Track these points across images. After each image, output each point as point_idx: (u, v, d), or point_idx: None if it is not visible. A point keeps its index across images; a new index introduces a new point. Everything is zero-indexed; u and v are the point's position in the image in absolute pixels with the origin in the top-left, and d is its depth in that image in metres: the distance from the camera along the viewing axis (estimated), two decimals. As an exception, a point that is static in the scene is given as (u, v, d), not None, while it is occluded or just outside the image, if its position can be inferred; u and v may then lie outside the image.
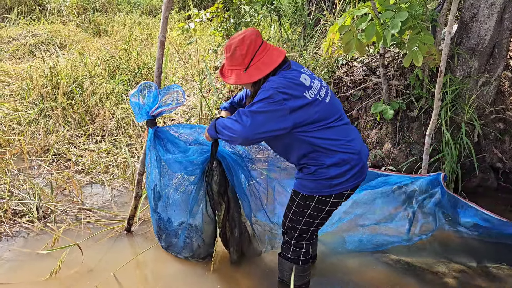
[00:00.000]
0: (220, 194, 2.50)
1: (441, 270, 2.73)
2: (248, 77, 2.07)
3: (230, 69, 2.13)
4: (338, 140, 2.05)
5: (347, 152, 2.06)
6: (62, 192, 3.36)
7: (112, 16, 8.63)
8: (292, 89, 1.97)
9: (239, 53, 2.05)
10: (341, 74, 4.23)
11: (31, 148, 3.85)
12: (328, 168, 2.06)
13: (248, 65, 2.06)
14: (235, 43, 2.05)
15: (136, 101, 2.39)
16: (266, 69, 2.05)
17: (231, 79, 2.12)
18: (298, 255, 2.32)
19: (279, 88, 1.96)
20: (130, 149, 3.95)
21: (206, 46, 6.74)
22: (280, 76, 2.04)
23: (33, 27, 7.26)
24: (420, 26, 2.97)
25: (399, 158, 3.66)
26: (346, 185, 2.09)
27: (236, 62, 2.08)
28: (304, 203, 2.17)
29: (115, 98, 4.67)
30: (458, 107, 3.49)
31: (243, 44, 2.04)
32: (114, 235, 2.90)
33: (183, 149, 2.46)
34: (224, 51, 2.13)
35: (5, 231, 2.83)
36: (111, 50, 6.22)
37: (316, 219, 2.21)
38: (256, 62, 2.06)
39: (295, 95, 1.97)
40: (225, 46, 2.11)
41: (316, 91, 2.05)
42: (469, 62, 3.44)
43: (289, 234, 2.32)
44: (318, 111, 2.01)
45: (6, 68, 5.41)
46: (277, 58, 2.07)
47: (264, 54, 2.07)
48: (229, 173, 2.49)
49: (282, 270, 2.43)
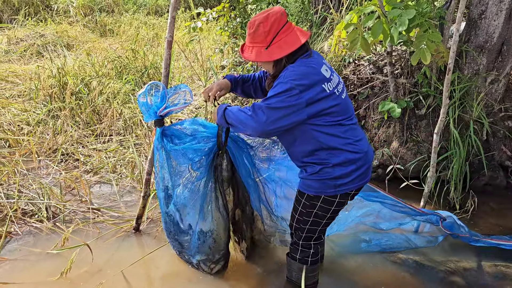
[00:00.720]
0: (229, 178, 2.50)
1: (450, 269, 2.72)
2: (268, 55, 2.01)
3: (252, 45, 2.06)
4: (346, 139, 2.04)
5: (353, 152, 2.05)
6: (71, 191, 3.39)
7: (118, 16, 8.66)
8: (310, 79, 1.94)
9: (262, 29, 1.99)
10: (348, 72, 4.21)
11: (40, 148, 3.88)
12: (333, 168, 2.04)
13: (270, 43, 2.00)
14: (259, 19, 2.00)
15: (144, 101, 2.40)
16: (288, 49, 1.99)
17: (252, 56, 2.05)
18: (306, 255, 2.32)
19: (296, 79, 1.92)
20: (138, 149, 3.97)
21: (212, 45, 6.75)
22: (300, 63, 1.99)
23: (40, 28, 7.31)
24: (427, 24, 2.95)
25: (407, 156, 3.64)
26: (351, 185, 2.08)
27: (258, 38, 2.01)
28: (310, 203, 2.17)
29: (122, 98, 4.69)
30: (467, 105, 3.47)
31: (267, 21, 1.98)
32: (123, 234, 2.92)
33: (188, 140, 2.45)
34: (247, 27, 2.07)
35: (15, 231, 2.86)
36: (118, 50, 6.25)
37: (323, 218, 2.20)
38: (279, 40, 2.00)
39: (313, 85, 1.93)
40: (249, 22, 2.05)
41: (335, 85, 2.03)
42: (477, 60, 3.41)
43: (297, 235, 2.32)
44: (333, 105, 1.99)
45: (15, 69, 5.45)
46: (300, 39, 2.01)
47: (287, 34, 2.01)
48: (235, 160, 2.49)
49: (290, 270, 2.43)
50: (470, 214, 3.33)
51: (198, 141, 2.42)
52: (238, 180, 2.54)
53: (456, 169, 3.38)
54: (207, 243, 2.56)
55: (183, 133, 2.46)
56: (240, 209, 2.62)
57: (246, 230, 2.65)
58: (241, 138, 2.53)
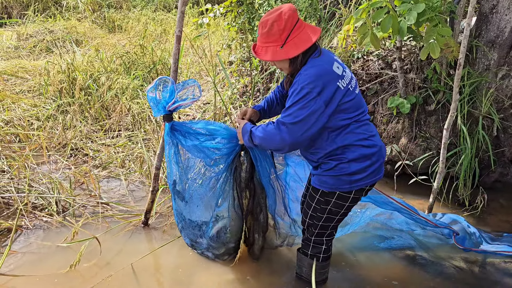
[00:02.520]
0: (247, 180, 2.50)
1: (459, 265, 2.71)
2: (285, 53, 1.97)
3: (265, 46, 2.02)
4: (361, 134, 2.04)
5: (368, 147, 2.05)
6: (80, 186, 3.42)
7: (126, 12, 8.68)
8: (324, 79, 1.92)
9: (276, 28, 1.96)
10: (356, 68, 4.19)
11: (50, 143, 3.91)
12: (349, 163, 2.03)
13: (285, 41, 1.97)
14: (272, 18, 1.97)
15: (153, 96, 2.41)
16: (303, 46, 1.97)
17: (267, 56, 2.01)
18: (318, 251, 2.32)
19: (311, 82, 1.91)
20: (146, 144, 3.98)
21: (220, 41, 6.74)
22: (311, 64, 1.98)
23: (49, 24, 7.35)
24: (437, 18, 2.92)
25: (416, 152, 3.62)
26: (366, 181, 2.08)
27: (273, 38, 1.98)
28: (325, 199, 2.16)
29: (130, 93, 4.71)
30: (477, 100, 3.43)
31: (281, 19, 1.95)
32: (132, 228, 2.94)
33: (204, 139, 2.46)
34: (258, 27, 2.03)
35: (25, 224, 2.89)
36: (126, 46, 6.27)
37: (337, 215, 2.20)
38: (293, 38, 1.97)
39: (328, 85, 1.92)
40: (260, 22, 2.02)
41: (348, 81, 2.02)
42: (488, 55, 3.37)
43: (310, 231, 2.32)
44: (348, 101, 1.99)
45: (24, 64, 5.49)
46: (313, 35, 1.99)
47: (300, 31, 1.99)
48: (256, 161, 2.48)
49: (301, 266, 2.44)
50: (479, 211, 3.30)
51: (218, 141, 2.44)
52: (256, 184, 2.53)
53: (464, 165, 3.36)
54: (221, 238, 2.59)
55: (199, 132, 2.47)
56: (254, 217, 2.61)
57: (258, 238, 2.64)
58: None
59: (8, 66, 5.32)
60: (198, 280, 2.49)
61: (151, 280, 2.49)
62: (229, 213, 2.56)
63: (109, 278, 2.45)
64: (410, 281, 2.57)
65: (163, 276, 2.56)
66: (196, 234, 2.67)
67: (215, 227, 2.59)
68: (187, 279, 2.50)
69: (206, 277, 2.52)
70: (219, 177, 2.51)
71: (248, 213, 2.58)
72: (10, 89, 4.76)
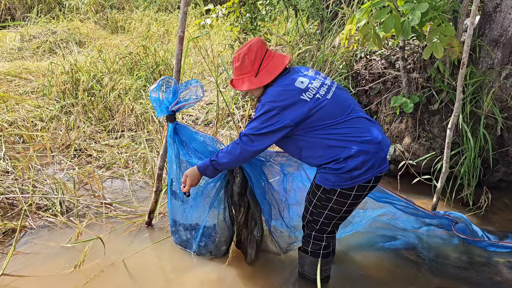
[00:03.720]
0: (240, 195, 2.51)
1: (463, 266, 2.70)
2: (259, 81, 2.17)
3: (241, 78, 2.22)
4: (349, 133, 2.09)
5: (362, 142, 2.08)
6: (84, 186, 3.43)
7: (129, 13, 8.71)
8: (286, 95, 2.07)
9: (247, 60, 2.16)
10: (359, 67, 4.18)
11: (53, 143, 3.93)
12: (346, 161, 2.07)
13: (258, 70, 2.17)
14: (243, 52, 2.18)
15: (156, 96, 2.42)
16: (276, 71, 2.16)
17: (244, 86, 2.20)
18: (318, 248, 2.33)
19: (273, 101, 2.07)
20: (150, 145, 3.99)
21: (222, 41, 6.75)
22: (276, 85, 2.15)
23: (52, 25, 7.39)
24: (441, 17, 2.92)
25: (419, 152, 3.61)
26: (366, 175, 2.09)
27: (246, 69, 2.18)
28: (326, 196, 2.18)
29: (134, 94, 4.73)
30: (480, 100, 3.42)
31: (251, 51, 2.16)
32: (135, 229, 2.94)
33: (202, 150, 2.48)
34: (232, 62, 2.25)
35: (29, 225, 2.90)
36: (129, 46, 6.29)
37: (338, 212, 2.21)
38: (265, 66, 2.17)
39: (290, 101, 2.06)
40: (233, 58, 2.22)
41: (315, 91, 2.11)
42: (491, 54, 3.36)
43: (310, 227, 2.32)
44: (320, 109, 2.08)
45: (28, 65, 5.51)
46: (283, 61, 2.19)
47: (271, 59, 2.19)
48: (250, 175, 2.49)
49: (302, 264, 2.44)
50: (483, 211, 3.29)
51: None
52: (250, 198, 2.53)
53: (467, 164, 3.34)
54: (208, 246, 2.64)
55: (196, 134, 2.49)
56: (248, 231, 2.61)
57: (251, 252, 2.62)
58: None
59: (11, 67, 5.35)
60: (195, 278, 2.50)
61: (156, 279, 2.50)
62: (218, 222, 2.60)
63: (112, 278, 2.46)
64: (414, 280, 2.57)
65: (158, 273, 2.57)
66: (187, 235, 2.68)
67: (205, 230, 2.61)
68: (188, 276, 2.50)
69: (203, 276, 2.52)
70: (216, 185, 2.53)
71: (240, 226, 2.59)
72: (14, 90, 4.78)
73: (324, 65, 4.13)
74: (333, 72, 4.10)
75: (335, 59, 4.19)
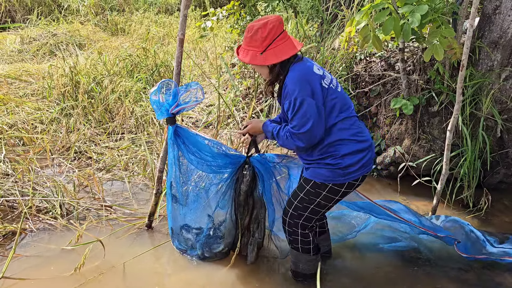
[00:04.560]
0: (246, 194, 2.51)
1: (463, 266, 2.69)
2: (263, 59, 2.12)
3: (247, 49, 2.16)
4: (353, 129, 2.16)
5: (361, 141, 2.15)
6: (84, 189, 3.43)
7: (129, 15, 8.71)
8: (308, 78, 2.07)
9: (260, 34, 2.09)
10: (359, 69, 4.19)
11: (53, 146, 3.92)
12: (343, 158, 2.13)
13: (266, 48, 2.10)
14: (258, 25, 2.10)
15: (156, 99, 2.42)
16: (282, 56, 2.10)
17: (247, 58, 2.15)
18: (307, 243, 2.36)
19: (299, 88, 2.05)
20: (150, 147, 3.99)
21: (222, 43, 6.76)
22: (292, 70, 2.11)
23: (52, 27, 7.39)
24: (440, 19, 2.92)
25: (419, 154, 3.61)
26: (358, 173, 2.16)
27: (255, 43, 2.11)
28: (315, 191, 2.21)
29: (133, 96, 4.73)
30: (480, 101, 3.42)
31: (265, 27, 2.08)
32: (135, 231, 2.94)
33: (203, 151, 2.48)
34: (245, 30, 2.17)
35: (29, 228, 2.90)
36: (129, 48, 6.29)
37: (323, 208, 2.27)
38: (274, 47, 2.10)
39: (313, 83, 2.06)
40: (248, 26, 2.15)
41: (329, 80, 2.15)
42: (491, 56, 3.37)
43: (292, 223, 2.32)
44: (334, 98, 2.12)
45: (28, 68, 5.51)
46: (294, 48, 2.13)
47: (282, 42, 2.12)
48: (262, 173, 2.50)
49: (296, 262, 2.46)
50: (483, 212, 3.29)
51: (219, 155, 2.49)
52: (255, 199, 2.54)
53: (467, 166, 3.34)
54: (214, 245, 2.63)
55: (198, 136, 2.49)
56: (250, 232, 2.62)
57: (252, 254, 2.62)
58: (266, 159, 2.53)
59: (11, 69, 5.35)
60: (196, 281, 2.50)
61: (155, 282, 2.50)
62: (226, 220, 2.60)
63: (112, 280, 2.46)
64: (414, 281, 2.57)
65: (158, 277, 2.57)
66: (188, 238, 2.67)
67: (209, 232, 2.60)
68: (183, 280, 2.50)
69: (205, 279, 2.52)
70: (223, 184, 2.53)
71: (243, 228, 2.59)
72: (14, 93, 4.78)
73: (323, 67, 4.13)
74: (333, 74, 4.10)
75: (335, 61, 4.19)
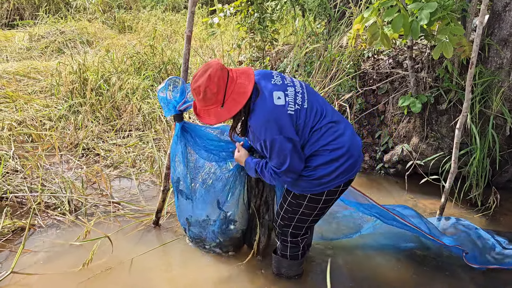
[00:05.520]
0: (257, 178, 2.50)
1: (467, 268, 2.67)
2: (227, 112, 2.01)
3: (206, 109, 2.05)
4: (323, 140, 2.05)
5: (334, 150, 2.05)
6: (92, 185, 3.45)
7: (136, 12, 8.73)
8: (274, 116, 1.96)
9: (210, 93, 1.97)
10: (367, 67, 4.17)
11: (62, 143, 3.95)
12: (315, 169, 2.07)
13: (223, 101, 2.00)
14: (203, 84, 1.97)
15: (164, 96, 2.42)
16: (243, 99, 1.99)
17: (212, 119, 2.05)
18: (297, 251, 2.37)
19: (267, 129, 1.96)
20: (157, 144, 4.00)
21: (229, 40, 6.75)
22: (257, 110, 1.99)
23: (60, 25, 7.42)
24: (449, 17, 2.90)
25: (427, 152, 3.59)
26: (337, 181, 2.10)
27: (210, 101, 2.00)
28: (296, 201, 2.20)
29: (141, 93, 4.74)
30: (489, 99, 3.39)
31: (212, 83, 1.96)
32: (143, 228, 2.96)
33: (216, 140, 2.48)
34: (192, 93, 2.05)
35: (38, 223, 2.92)
36: (136, 46, 6.31)
37: (310, 216, 2.23)
38: (230, 94, 1.99)
39: (281, 119, 1.96)
40: (193, 89, 2.02)
41: (293, 101, 2.01)
42: (501, 53, 3.34)
43: (283, 232, 2.34)
44: (302, 120, 2.01)
45: (36, 65, 5.55)
46: (248, 83, 2.01)
47: (234, 84, 2.00)
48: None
49: (279, 267, 2.47)
50: (492, 211, 3.27)
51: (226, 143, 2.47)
52: (265, 183, 2.53)
53: (476, 165, 3.32)
54: (228, 231, 2.62)
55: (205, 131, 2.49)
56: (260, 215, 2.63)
57: (264, 237, 2.65)
58: None
59: (20, 67, 5.38)
60: (205, 278, 2.51)
61: (162, 278, 2.51)
62: (238, 205, 2.59)
63: (120, 276, 2.47)
64: (420, 282, 2.56)
65: (166, 273, 2.59)
66: (201, 230, 2.68)
67: (222, 221, 2.60)
68: (194, 276, 2.51)
69: (214, 275, 2.53)
70: (231, 174, 2.52)
71: (254, 212, 2.61)
72: (22, 90, 4.81)
73: (331, 65, 4.12)
74: (340, 71, 4.09)
75: (343, 59, 4.17)
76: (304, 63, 4.38)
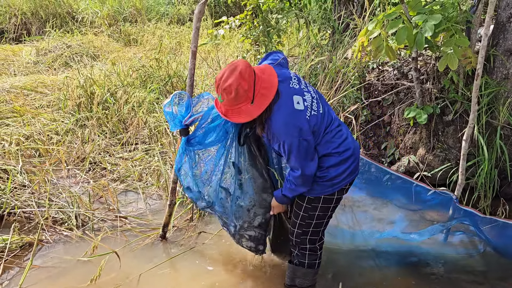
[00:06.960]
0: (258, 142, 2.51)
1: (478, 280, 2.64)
2: (257, 108, 2.02)
3: (237, 108, 2.04)
4: (334, 142, 2.18)
5: (343, 152, 2.18)
6: (99, 200, 3.46)
7: (141, 26, 8.82)
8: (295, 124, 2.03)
9: (242, 90, 1.98)
10: (372, 78, 4.17)
11: (69, 157, 3.97)
12: (327, 170, 2.18)
13: (253, 96, 2.01)
14: (234, 82, 1.96)
15: (170, 110, 2.44)
16: (271, 93, 2.02)
17: (242, 117, 2.06)
18: (315, 258, 2.42)
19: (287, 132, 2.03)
20: (163, 157, 4.02)
21: (233, 52, 6.79)
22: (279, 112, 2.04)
23: (67, 39, 7.51)
24: (454, 28, 2.90)
25: (434, 163, 3.57)
26: (345, 181, 2.24)
27: (241, 99, 2.00)
28: (312, 205, 2.28)
29: (147, 106, 4.77)
30: (496, 110, 3.38)
31: (243, 80, 1.97)
32: (150, 242, 2.96)
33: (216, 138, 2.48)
34: (222, 94, 2.02)
35: (46, 239, 2.93)
36: (142, 59, 6.36)
37: (324, 218, 2.34)
38: (259, 90, 2.01)
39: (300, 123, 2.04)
40: (223, 88, 2.00)
41: (310, 107, 2.10)
42: (506, 64, 3.33)
43: (301, 240, 2.38)
44: (317, 124, 2.11)
45: (43, 79, 5.60)
46: (270, 77, 2.06)
47: (261, 80, 2.03)
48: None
49: (293, 277, 2.47)
50: (501, 223, 3.23)
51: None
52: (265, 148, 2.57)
53: (483, 176, 3.30)
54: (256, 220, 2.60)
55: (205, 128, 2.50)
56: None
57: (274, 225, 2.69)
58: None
59: (28, 81, 5.44)
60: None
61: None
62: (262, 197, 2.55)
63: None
64: None
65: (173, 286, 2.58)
66: None
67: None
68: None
69: None
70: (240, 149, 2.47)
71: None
72: (30, 104, 4.86)
73: (336, 76, 4.13)
74: (345, 83, 4.10)
75: (347, 70, 4.18)
76: (309, 74, 4.39)
